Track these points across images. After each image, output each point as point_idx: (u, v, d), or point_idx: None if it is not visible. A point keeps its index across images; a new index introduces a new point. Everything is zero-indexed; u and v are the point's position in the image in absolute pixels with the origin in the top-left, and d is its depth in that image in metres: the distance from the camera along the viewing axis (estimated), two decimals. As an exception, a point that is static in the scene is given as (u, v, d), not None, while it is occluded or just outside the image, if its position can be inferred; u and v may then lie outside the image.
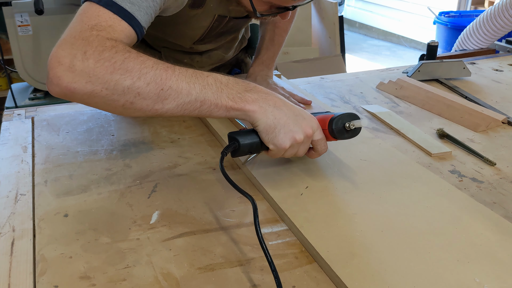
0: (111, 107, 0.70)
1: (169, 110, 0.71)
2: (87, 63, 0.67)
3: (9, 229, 0.70)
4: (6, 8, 2.12)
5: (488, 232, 0.68)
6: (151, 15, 0.78)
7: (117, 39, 0.71)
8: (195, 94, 0.71)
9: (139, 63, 0.69)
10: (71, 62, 0.67)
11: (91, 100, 0.69)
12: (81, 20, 0.72)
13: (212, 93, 0.72)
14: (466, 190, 0.82)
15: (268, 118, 0.74)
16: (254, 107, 0.73)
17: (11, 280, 0.61)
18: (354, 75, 1.44)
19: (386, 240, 0.66)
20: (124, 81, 0.67)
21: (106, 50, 0.68)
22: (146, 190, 0.81)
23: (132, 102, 0.69)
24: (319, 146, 0.79)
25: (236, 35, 1.23)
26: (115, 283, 0.61)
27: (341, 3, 5.45)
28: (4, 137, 0.99)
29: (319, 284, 0.61)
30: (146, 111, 0.70)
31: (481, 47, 2.31)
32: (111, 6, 0.73)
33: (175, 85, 0.70)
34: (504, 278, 0.60)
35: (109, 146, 0.96)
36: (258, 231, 0.63)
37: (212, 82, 0.73)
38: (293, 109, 0.76)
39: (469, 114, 1.11)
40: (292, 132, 0.74)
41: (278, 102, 0.75)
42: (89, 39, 0.69)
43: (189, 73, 0.72)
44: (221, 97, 0.72)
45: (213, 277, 0.62)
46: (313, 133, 0.77)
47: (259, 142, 0.76)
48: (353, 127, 0.79)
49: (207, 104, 0.72)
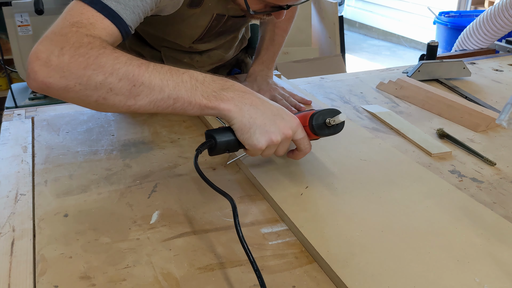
0: (85, 103, 0.70)
1: (141, 106, 0.70)
2: (62, 58, 0.67)
3: (9, 229, 0.70)
4: (6, 8, 2.12)
5: (488, 232, 0.68)
6: (138, 15, 0.78)
7: (97, 36, 0.72)
8: (168, 91, 0.70)
9: (112, 59, 0.69)
10: (47, 57, 0.68)
11: (66, 95, 0.69)
12: (64, 18, 0.73)
13: (186, 91, 0.71)
14: (466, 190, 0.82)
15: (244, 118, 0.72)
16: (229, 106, 0.72)
17: (11, 280, 0.61)
18: (354, 75, 1.44)
19: (386, 240, 0.66)
20: (97, 77, 0.68)
21: (82, 46, 0.69)
22: (146, 190, 0.81)
23: (105, 97, 0.69)
24: (302, 145, 0.78)
25: (236, 34, 1.23)
26: (115, 283, 0.61)
27: (341, 3, 5.45)
28: (4, 137, 0.99)
29: (319, 284, 0.61)
30: (119, 107, 0.70)
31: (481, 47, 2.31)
32: (95, 4, 0.73)
33: (148, 82, 0.69)
34: (504, 278, 0.60)
35: (109, 146, 0.96)
36: (239, 230, 0.62)
37: (187, 79, 0.72)
38: (272, 108, 0.75)
39: (469, 114, 1.11)
40: (268, 133, 0.73)
41: (255, 101, 0.74)
42: (68, 35, 0.69)
43: (164, 70, 0.71)
44: (195, 95, 0.71)
45: (213, 277, 0.62)
46: (293, 133, 0.76)
47: (236, 140, 0.74)
48: (334, 122, 0.77)
49: (180, 102, 0.71)
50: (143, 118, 1.08)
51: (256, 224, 0.73)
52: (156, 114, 1.10)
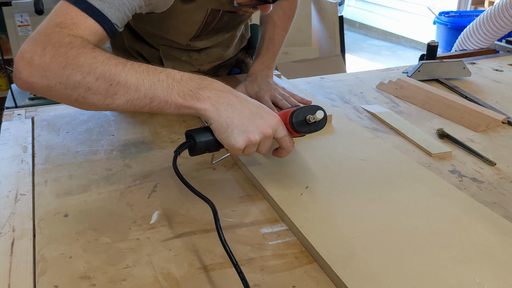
0: (67, 101, 0.72)
1: (119, 105, 0.71)
2: (44, 58, 0.69)
3: (9, 229, 0.70)
4: (6, 8, 2.12)
5: (488, 232, 0.68)
6: (125, 12, 0.79)
7: (79, 35, 0.73)
8: (144, 90, 0.70)
9: (90, 58, 0.70)
10: (31, 57, 0.70)
11: (49, 93, 0.71)
12: (50, 18, 0.74)
13: (162, 90, 0.71)
14: (466, 190, 0.82)
15: (221, 117, 0.72)
16: (205, 105, 0.71)
17: (11, 280, 0.61)
18: (354, 75, 1.44)
19: (386, 240, 0.66)
20: (75, 76, 0.69)
21: (63, 46, 0.70)
22: (146, 190, 0.81)
23: (84, 96, 0.70)
24: (284, 143, 0.77)
25: (234, 32, 1.23)
26: (115, 283, 0.61)
27: (341, 3, 5.45)
28: (4, 137, 0.99)
29: (319, 284, 0.61)
30: (98, 105, 0.71)
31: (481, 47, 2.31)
32: (80, 3, 0.74)
33: (124, 81, 0.70)
34: (504, 278, 0.60)
35: (109, 146, 0.96)
36: (221, 234, 0.62)
37: (164, 78, 0.72)
38: (251, 107, 0.74)
39: (469, 114, 1.11)
40: (246, 133, 0.72)
41: (232, 100, 0.73)
42: (51, 35, 0.71)
43: (141, 69, 0.72)
44: (171, 94, 0.71)
45: (213, 277, 0.62)
46: (273, 132, 0.75)
47: (216, 140, 0.73)
48: (313, 120, 0.76)
49: (156, 101, 0.71)
50: (143, 118, 1.08)
51: (256, 224, 0.73)
52: (156, 114, 1.10)
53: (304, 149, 0.92)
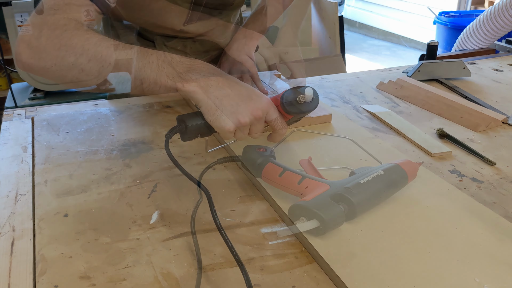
0: (64, 82, 0.74)
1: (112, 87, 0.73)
2: (40, 40, 0.72)
3: (9, 229, 0.70)
4: (6, 8, 2.12)
5: (488, 232, 0.68)
6: None
7: (73, 18, 0.74)
8: (134, 72, 0.71)
9: (83, 40, 0.71)
10: (29, 39, 0.72)
11: (47, 74, 0.73)
12: (45, 1, 0.76)
13: (152, 71, 0.72)
14: (466, 190, 0.82)
15: (209, 99, 0.71)
16: (194, 87, 0.71)
17: (11, 280, 0.61)
18: (354, 75, 1.44)
19: (386, 240, 0.66)
20: (69, 58, 0.71)
21: (58, 28, 0.72)
22: (146, 190, 0.81)
23: (78, 77, 0.72)
24: (276, 125, 0.76)
25: (228, 19, 1.22)
26: (115, 283, 0.61)
27: (341, 3, 5.45)
28: (4, 137, 0.99)
29: (319, 284, 0.61)
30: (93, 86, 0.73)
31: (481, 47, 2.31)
32: None
33: (115, 63, 0.71)
34: (504, 278, 0.60)
35: (109, 146, 0.96)
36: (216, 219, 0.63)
37: (154, 60, 0.72)
38: (240, 89, 0.73)
39: (469, 114, 1.11)
40: (235, 114, 0.71)
41: (222, 82, 0.73)
42: (46, 18, 0.73)
43: (132, 51, 0.72)
44: (160, 75, 0.72)
45: (213, 277, 0.62)
46: (264, 114, 0.73)
47: (207, 123, 0.72)
48: (304, 99, 0.74)
49: (147, 83, 0.72)
50: (143, 118, 1.08)
51: (256, 224, 0.73)
52: (156, 114, 1.10)
53: (304, 149, 0.92)
